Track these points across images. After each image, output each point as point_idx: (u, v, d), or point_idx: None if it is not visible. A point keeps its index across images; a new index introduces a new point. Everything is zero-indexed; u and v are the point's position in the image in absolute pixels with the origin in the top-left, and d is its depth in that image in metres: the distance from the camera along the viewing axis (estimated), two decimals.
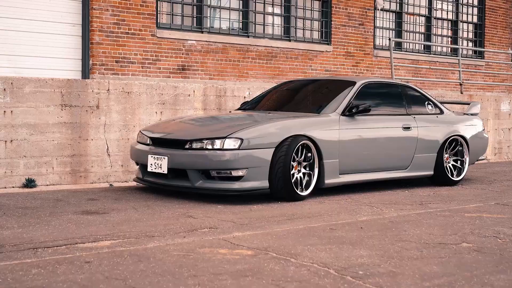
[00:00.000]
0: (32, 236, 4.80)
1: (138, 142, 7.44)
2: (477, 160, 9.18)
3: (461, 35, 14.93)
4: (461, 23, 14.92)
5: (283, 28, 11.60)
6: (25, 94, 7.65)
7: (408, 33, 13.79)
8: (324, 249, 4.50)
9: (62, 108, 7.91)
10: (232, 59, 10.67)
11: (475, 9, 15.25)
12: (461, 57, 13.58)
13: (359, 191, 7.67)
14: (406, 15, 13.70)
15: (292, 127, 6.82)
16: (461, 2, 14.95)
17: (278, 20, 11.58)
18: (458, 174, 8.61)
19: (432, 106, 8.66)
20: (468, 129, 8.88)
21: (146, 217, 5.68)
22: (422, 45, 14.05)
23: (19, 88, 7.61)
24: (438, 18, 14.49)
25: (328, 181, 7.07)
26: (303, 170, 6.85)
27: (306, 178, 6.86)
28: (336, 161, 7.12)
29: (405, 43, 13.68)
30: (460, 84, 12.99)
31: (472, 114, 9.18)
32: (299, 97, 8.48)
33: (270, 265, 4.04)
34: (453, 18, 14.82)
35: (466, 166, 8.69)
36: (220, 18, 10.69)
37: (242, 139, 6.49)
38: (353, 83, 7.88)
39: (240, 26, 10.96)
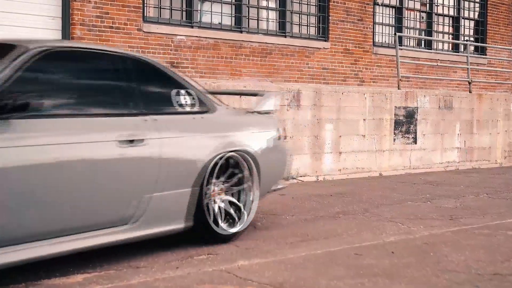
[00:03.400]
0: None
1: None
2: (272, 190, 5.42)
3: (462, 32, 14.28)
4: (462, 19, 14.29)
5: (278, 23, 11.00)
6: None
7: (408, 30, 13.10)
8: (354, 284, 3.56)
9: None
10: (224, 56, 10.04)
11: (477, 5, 14.64)
12: (465, 54, 12.85)
13: (372, 201, 6.75)
14: (406, 11, 13.02)
15: None
16: None
17: (273, 15, 10.98)
18: (235, 222, 4.81)
19: (190, 99, 4.79)
20: (258, 138, 5.18)
21: None
22: (423, 42, 13.35)
23: None
24: (439, 14, 13.86)
25: None
26: None
27: None
28: None
29: (406, 40, 13.00)
30: (469, 83, 12.21)
31: (265, 113, 5.51)
32: None
33: None
34: (455, 14, 14.19)
35: (254, 204, 4.99)
36: (211, 12, 10.08)
37: None
38: (14, 48, 3.89)
39: (233, 21, 10.33)
